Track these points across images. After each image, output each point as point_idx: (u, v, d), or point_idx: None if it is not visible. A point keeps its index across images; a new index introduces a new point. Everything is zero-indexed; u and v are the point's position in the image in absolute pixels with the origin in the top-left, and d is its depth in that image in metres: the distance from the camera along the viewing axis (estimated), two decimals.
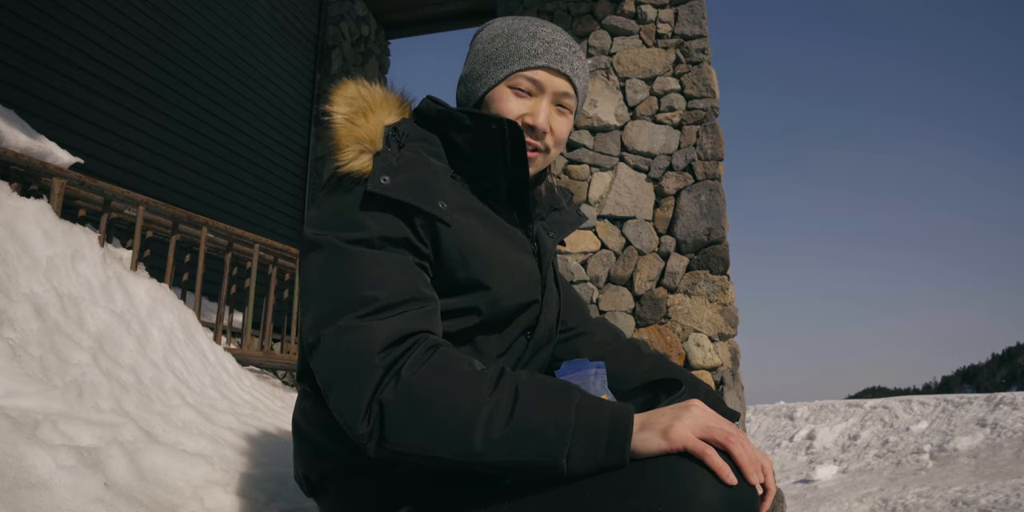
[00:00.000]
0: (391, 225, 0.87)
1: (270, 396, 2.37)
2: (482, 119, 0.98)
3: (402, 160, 0.91)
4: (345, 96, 0.95)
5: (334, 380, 0.80)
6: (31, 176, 2.36)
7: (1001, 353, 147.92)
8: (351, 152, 0.90)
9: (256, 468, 1.51)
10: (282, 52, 5.88)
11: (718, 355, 4.32)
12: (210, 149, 4.93)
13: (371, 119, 0.93)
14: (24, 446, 1.08)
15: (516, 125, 0.97)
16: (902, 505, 7.74)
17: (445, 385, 0.76)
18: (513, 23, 1.06)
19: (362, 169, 0.89)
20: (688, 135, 4.72)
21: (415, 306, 0.84)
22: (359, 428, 0.76)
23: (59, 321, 1.70)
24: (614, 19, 5.02)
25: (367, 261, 0.85)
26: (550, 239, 1.13)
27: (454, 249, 0.92)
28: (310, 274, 0.88)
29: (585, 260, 4.74)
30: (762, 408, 15.58)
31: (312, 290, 0.87)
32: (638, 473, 0.74)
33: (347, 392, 0.78)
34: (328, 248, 0.87)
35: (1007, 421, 10.56)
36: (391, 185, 0.87)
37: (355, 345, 0.79)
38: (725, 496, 0.70)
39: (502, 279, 0.96)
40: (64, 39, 3.77)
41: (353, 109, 0.94)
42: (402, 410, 0.75)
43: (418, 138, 0.98)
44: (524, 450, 0.73)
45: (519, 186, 1.02)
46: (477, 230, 0.96)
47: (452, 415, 0.74)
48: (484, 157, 1.00)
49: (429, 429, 0.75)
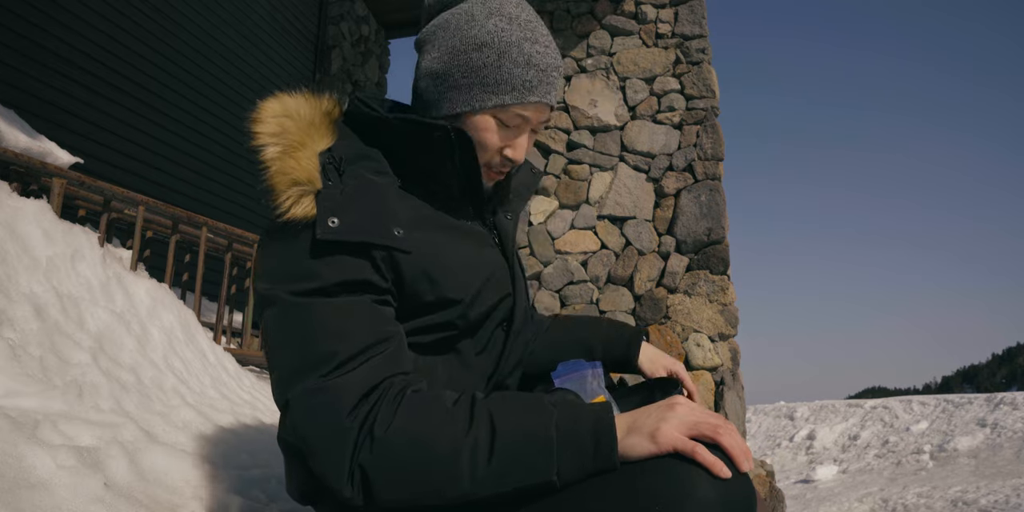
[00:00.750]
0: (346, 268, 0.83)
1: (270, 396, 2.37)
2: (425, 128, 0.92)
3: (346, 193, 0.86)
4: (269, 130, 0.88)
5: (310, 447, 0.78)
6: (31, 176, 2.36)
7: (1001, 353, 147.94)
8: (291, 198, 0.83)
9: (256, 468, 1.51)
10: (282, 52, 5.88)
11: (718, 355, 4.32)
12: (210, 149, 4.94)
13: (304, 154, 0.86)
14: (24, 446, 1.08)
15: (464, 133, 0.93)
16: (902, 505, 7.74)
17: (420, 433, 0.75)
18: (502, 32, 0.93)
19: (305, 214, 0.83)
20: (688, 135, 4.72)
21: (378, 351, 0.81)
22: (345, 492, 0.75)
23: (59, 321, 1.70)
24: (614, 19, 5.02)
25: (323, 313, 0.81)
26: (508, 221, 1.10)
27: (418, 272, 0.88)
28: (268, 332, 0.84)
29: (585, 260, 4.74)
30: (762, 408, 15.58)
31: (273, 349, 0.84)
32: (634, 474, 0.74)
33: (325, 459, 0.76)
34: (280, 304, 0.83)
35: (1007, 421, 10.56)
36: (341, 227, 0.82)
37: (322, 409, 0.77)
38: (721, 493, 0.71)
39: (473, 287, 0.94)
40: (64, 39, 3.77)
41: (282, 147, 0.86)
42: (383, 470, 0.75)
43: (357, 158, 0.92)
44: (513, 477, 0.73)
45: (473, 186, 0.99)
46: (439, 243, 0.92)
47: (435, 463, 0.74)
48: (430, 161, 0.96)
49: (415, 482, 0.75)
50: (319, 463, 0.77)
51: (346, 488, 0.75)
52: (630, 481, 0.74)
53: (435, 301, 0.91)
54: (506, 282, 1.02)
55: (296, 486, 0.97)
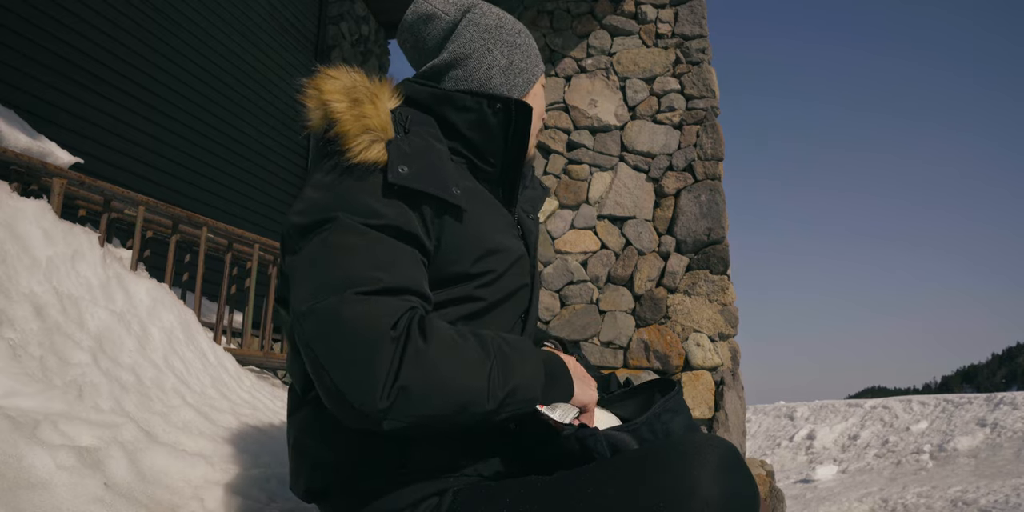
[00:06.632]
0: (405, 217, 0.87)
1: (270, 396, 2.37)
2: (486, 98, 0.99)
3: (413, 146, 0.91)
4: (340, 86, 0.92)
5: (339, 352, 0.77)
6: (31, 176, 2.36)
7: (1001, 353, 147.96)
8: (362, 143, 0.88)
9: (256, 468, 1.51)
10: (282, 52, 5.88)
11: (718, 355, 4.32)
12: (210, 149, 4.93)
13: (379, 106, 0.91)
14: (24, 446, 1.08)
15: (524, 104, 0.99)
16: (902, 505, 7.74)
17: (453, 357, 0.80)
18: (515, 21, 1.13)
19: (377, 159, 0.87)
20: (688, 135, 4.72)
21: (415, 298, 0.85)
22: (378, 404, 0.75)
23: (59, 321, 1.70)
24: (614, 19, 5.02)
25: (376, 244, 0.84)
26: (530, 221, 1.14)
27: (459, 237, 0.92)
28: (306, 251, 0.85)
29: (585, 260, 4.74)
30: (762, 408, 15.59)
31: (314, 263, 0.84)
32: (639, 469, 0.75)
33: (360, 368, 0.76)
34: (335, 226, 0.84)
35: (1007, 421, 10.57)
36: (409, 174, 0.87)
37: (362, 319, 0.77)
38: (725, 491, 0.71)
39: (500, 266, 0.97)
40: (64, 39, 3.77)
41: (354, 97, 0.91)
42: (423, 382, 0.77)
43: (420, 122, 0.98)
44: (513, 402, 0.84)
45: (516, 166, 1.03)
46: (482, 215, 0.97)
47: (467, 384, 0.80)
48: (484, 137, 1.01)
49: (448, 397, 0.79)
50: (350, 372, 0.76)
51: (380, 398, 0.75)
52: (634, 478, 0.74)
53: (467, 268, 0.93)
54: (526, 273, 1.04)
55: (303, 484, 0.97)
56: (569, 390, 0.92)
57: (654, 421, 0.92)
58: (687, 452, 0.75)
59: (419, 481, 0.90)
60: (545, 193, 1.22)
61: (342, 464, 0.92)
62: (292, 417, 0.99)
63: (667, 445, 0.80)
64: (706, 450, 0.75)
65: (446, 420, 0.80)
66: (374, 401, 0.75)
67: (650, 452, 0.80)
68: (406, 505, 0.90)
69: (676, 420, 0.95)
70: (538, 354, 0.91)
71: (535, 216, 1.17)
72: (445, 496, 0.90)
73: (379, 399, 0.75)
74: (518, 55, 1.08)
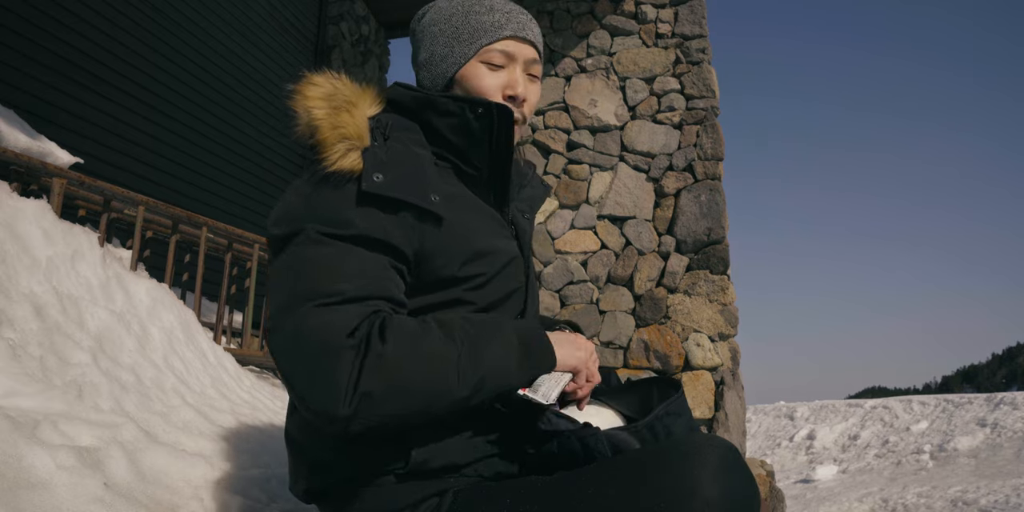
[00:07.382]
0: (379, 225, 0.86)
1: (270, 396, 2.37)
2: (467, 103, 0.98)
3: (390, 154, 0.90)
4: (321, 93, 0.93)
5: (301, 364, 0.79)
6: (31, 176, 2.36)
7: (1001, 353, 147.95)
8: (339, 151, 0.88)
9: (256, 468, 1.51)
10: (282, 52, 5.88)
11: (718, 355, 4.32)
12: (210, 149, 4.93)
13: (355, 114, 0.91)
14: (24, 446, 1.08)
15: (505, 107, 0.97)
16: (902, 505, 7.75)
17: (416, 352, 0.80)
18: (455, 6, 1.05)
19: (352, 168, 0.87)
20: (688, 135, 4.72)
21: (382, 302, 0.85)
22: (340, 411, 0.76)
23: (59, 321, 1.70)
24: (614, 19, 5.02)
25: (344, 255, 0.84)
26: (525, 220, 1.13)
27: (444, 242, 0.91)
28: (280, 264, 0.86)
29: (585, 260, 4.74)
30: (762, 408, 15.59)
31: (281, 278, 0.85)
32: (639, 469, 0.75)
33: (321, 377, 0.77)
34: (304, 239, 0.85)
35: (1007, 421, 10.57)
36: (384, 183, 0.86)
37: (321, 329, 0.78)
38: (725, 491, 0.71)
39: (490, 268, 0.96)
40: (64, 39, 3.77)
41: (333, 105, 0.91)
42: (384, 383, 0.77)
43: (401, 128, 0.97)
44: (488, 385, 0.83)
45: (502, 168, 1.02)
46: (467, 221, 0.96)
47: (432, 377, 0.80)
48: (468, 141, 0.99)
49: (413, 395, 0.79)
50: (313, 383, 0.78)
51: (343, 405, 0.76)
52: (635, 478, 0.74)
53: (454, 273, 0.93)
54: (520, 274, 1.03)
55: (302, 484, 0.97)
56: (550, 357, 0.90)
57: (656, 423, 0.92)
58: (687, 452, 0.75)
59: (419, 481, 0.90)
60: (546, 192, 1.21)
61: (342, 464, 0.92)
62: (291, 417, 0.99)
63: (668, 445, 0.80)
64: (706, 450, 0.76)
65: (419, 414, 0.80)
66: (336, 409, 0.76)
67: (651, 452, 0.80)
68: (406, 505, 0.90)
69: (678, 423, 0.95)
70: (510, 326, 0.89)
71: (531, 216, 1.16)
72: (445, 496, 0.90)
73: (342, 407, 0.76)
74: (440, 43, 1.04)
